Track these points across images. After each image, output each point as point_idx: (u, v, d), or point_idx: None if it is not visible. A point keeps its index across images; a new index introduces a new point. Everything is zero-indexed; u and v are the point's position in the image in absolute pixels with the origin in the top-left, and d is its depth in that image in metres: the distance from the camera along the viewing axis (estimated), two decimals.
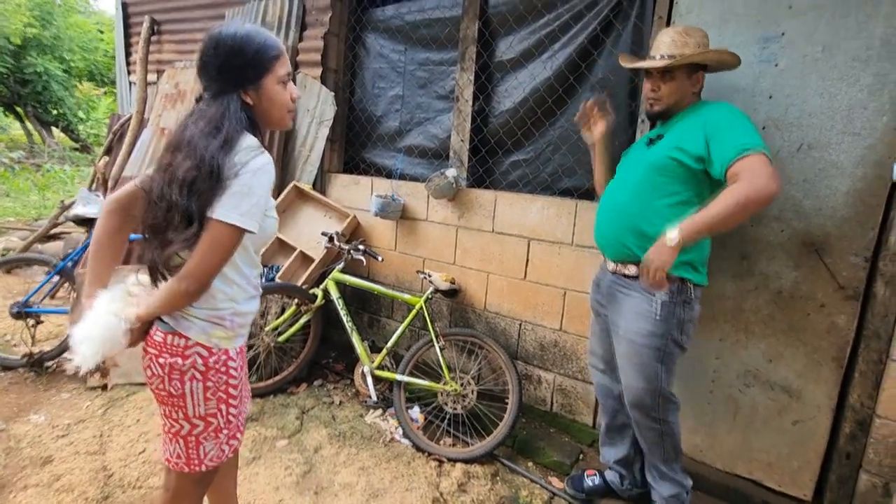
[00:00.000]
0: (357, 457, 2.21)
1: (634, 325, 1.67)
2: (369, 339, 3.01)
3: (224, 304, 1.17)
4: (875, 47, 1.66)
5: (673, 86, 1.63)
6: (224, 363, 1.19)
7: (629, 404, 1.76)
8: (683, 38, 1.60)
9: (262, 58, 1.11)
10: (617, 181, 1.79)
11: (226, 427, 1.24)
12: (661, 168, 1.62)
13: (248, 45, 1.09)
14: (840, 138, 1.74)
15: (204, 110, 1.09)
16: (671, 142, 1.62)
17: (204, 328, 1.15)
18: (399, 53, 2.92)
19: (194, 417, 1.19)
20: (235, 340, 1.22)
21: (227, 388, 1.21)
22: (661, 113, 1.69)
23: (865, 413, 1.79)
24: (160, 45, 3.99)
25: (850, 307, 1.79)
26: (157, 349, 1.15)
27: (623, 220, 1.68)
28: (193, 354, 1.14)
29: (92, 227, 2.74)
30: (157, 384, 1.17)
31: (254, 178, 1.06)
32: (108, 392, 2.57)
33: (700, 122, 1.58)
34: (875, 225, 1.73)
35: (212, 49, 1.09)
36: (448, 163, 2.74)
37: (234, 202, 1.04)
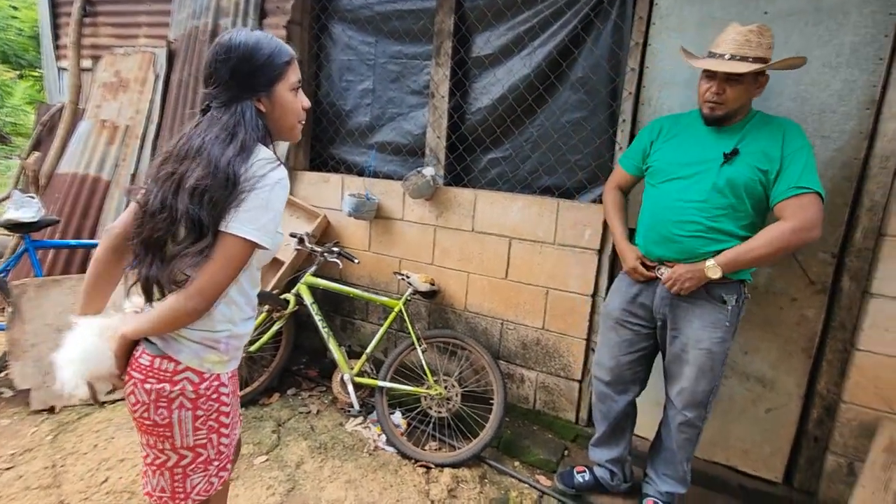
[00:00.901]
0: (342, 469, 2.13)
1: (708, 335, 1.64)
2: (346, 344, 2.91)
3: (221, 326, 1.08)
4: (845, 54, 1.74)
5: (740, 90, 1.51)
6: (216, 389, 1.10)
7: (684, 406, 1.72)
8: (758, 39, 1.47)
9: (274, 62, 1.05)
10: (683, 192, 1.63)
11: (216, 458, 1.16)
12: (747, 188, 1.54)
13: (260, 50, 1.03)
14: (812, 141, 1.81)
15: (216, 118, 1.02)
16: (753, 160, 1.54)
17: (197, 352, 1.06)
18: (369, 45, 2.79)
19: (182, 448, 1.10)
20: (229, 364, 1.14)
21: (219, 417, 1.13)
22: (722, 118, 1.58)
23: (832, 399, 1.92)
24: (95, 28, 3.62)
25: (819, 300, 1.90)
26: (142, 373, 1.05)
27: (701, 240, 1.59)
28: (183, 380, 1.05)
29: (26, 233, 2.48)
30: (140, 412, 1.06)
31: (272, 193, 1.00)
32: (57, 415, 2.33)
33: (777, 143, 1.52)
34: (842, 223, 1.83)
35: (223, 54, 1.02)
36: (423, 160, 2.66)
37: (250, 216, 0.98)
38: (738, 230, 1.58)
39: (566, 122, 2.33)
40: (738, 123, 1.60)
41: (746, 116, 1.61)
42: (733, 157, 1.56)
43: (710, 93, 1.56)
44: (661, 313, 1.74)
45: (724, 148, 1.58)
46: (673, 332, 1.73)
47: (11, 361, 2.34)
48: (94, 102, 3.42)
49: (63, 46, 3.74)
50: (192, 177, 0.96)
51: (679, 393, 1.73)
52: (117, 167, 3.24)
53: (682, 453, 1.80)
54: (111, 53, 3.49)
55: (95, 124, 3.31)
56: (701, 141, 1.64)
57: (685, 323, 1.68)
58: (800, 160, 1.49)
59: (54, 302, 2.41)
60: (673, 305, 1.70)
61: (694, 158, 1.63)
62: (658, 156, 1.74)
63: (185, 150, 1.00)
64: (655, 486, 1.88)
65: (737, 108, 1.56)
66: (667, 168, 1.69)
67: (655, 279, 1.74)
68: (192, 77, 3.01)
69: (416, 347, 2.37)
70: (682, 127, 1.72)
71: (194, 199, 0.95)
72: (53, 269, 3.01)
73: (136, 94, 3.31)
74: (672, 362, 1.76)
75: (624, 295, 1.83)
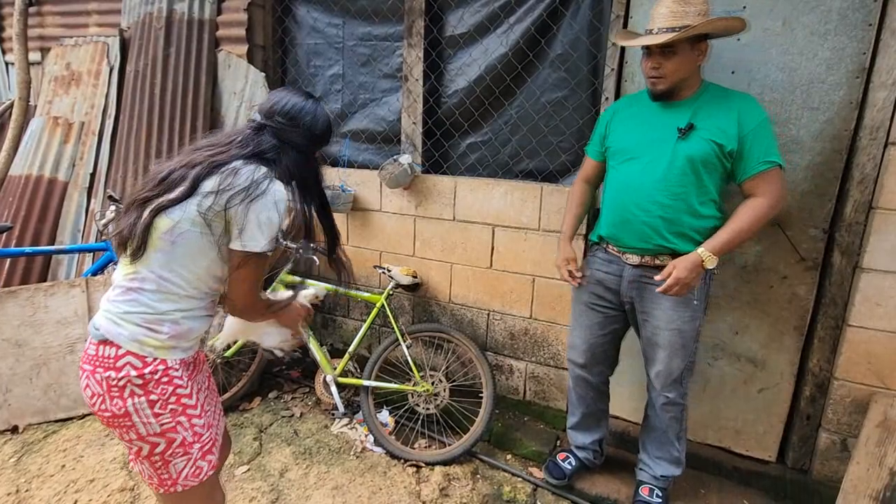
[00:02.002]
0: (328, 475, 2.04)
1: (678, 315, 1.64)
2: (327, 343, 2.81)
3: (163, 307, 1.07)
4: (833, 21, 1.67)
5: (677, 61, 1.49)
6: (164, 373, 1.07)
7: (663, 386, 1.73)
8: (683, 8, 1.46)
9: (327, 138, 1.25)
10: (642, 171, 1.61)
11: (196, 440, 1.11)
12: (705, 163, 1.53)
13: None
14: (800, 113, 1.77)
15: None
16: (709, 134, 1.52)
17: (134, 334, 1.05)
18: (336, 28, 2.64)
19: (150, 436, 1.07)
20: (173, 352, 1.09)
21: (179, 399, 1.09)
22: (667, 91, 1.56)
23: (824, 376, 1.89)
24: (41, 18, 3.37)
25: (810, 277, 1.86)
26: (91, 363, 1.06)
27: (662, 217, 1.58)
28: (126, 366, 1.04)
29: None
30: (98, 404, 1.06)
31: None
32: (21, 435, 2.19)
33: (732, 116, 1.51)
34: (832, 197, 1.78)
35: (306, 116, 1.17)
36: (399, 148, 2.54)
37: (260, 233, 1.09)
38: (697, 207, 1.57)
39: (546, 102, 2.23)
40: (690, 98, 1.58)
41: (698, 90, 1.58)
42: (689, 131, 1.54)
43: (648, 68, 1.55)
44: (628, 297, 1.74)
45: (678, 123, 1.56)
46: (643, 316, 1.73)
47: None
48: (46, 98, 3.20)
49: (7, 39, 3.48)
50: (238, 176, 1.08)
51: (657, 375, 1.74)
52: (74, 167, 3.04)
53: (672, 432, 1.80)
54: (60, 45, 3.25)
55: (48, 122, 3.09)
56: (654, 119, 1.62)
57: (654, 305, 1.67)
58: (764, 136, 1.50)
59: (11, 315, 2.26)
60: (640, 289, 1.70)
61: (648, 137, 1.62)
62: (614, 137, 1.72)
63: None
64: (650, 472, 1.85)
65: (679, 79, 1.53)
66: (623, 148, 1.68)
67: (621, 263, 1.72)
68: (148, 67, 2.81)
69: (400, 343, 2.28)
70: (637, 107, 1.70)
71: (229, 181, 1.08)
72: (11, 279, 2.83)
73: (89, 87, 3.10)
74: (646, 346, 1.76)
75: (590, 279, 1.83)
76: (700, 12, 1.46)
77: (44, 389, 2.29)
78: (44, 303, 2.31)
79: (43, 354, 2.30)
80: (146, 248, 1.05)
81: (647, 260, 1.66)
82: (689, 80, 1.55)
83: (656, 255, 1.64)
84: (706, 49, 1.54)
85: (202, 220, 1.05)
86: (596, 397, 1.95)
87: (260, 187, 1.05)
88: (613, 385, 2.00)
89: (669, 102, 1.60)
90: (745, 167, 1.53)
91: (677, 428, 1.79)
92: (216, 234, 1.07)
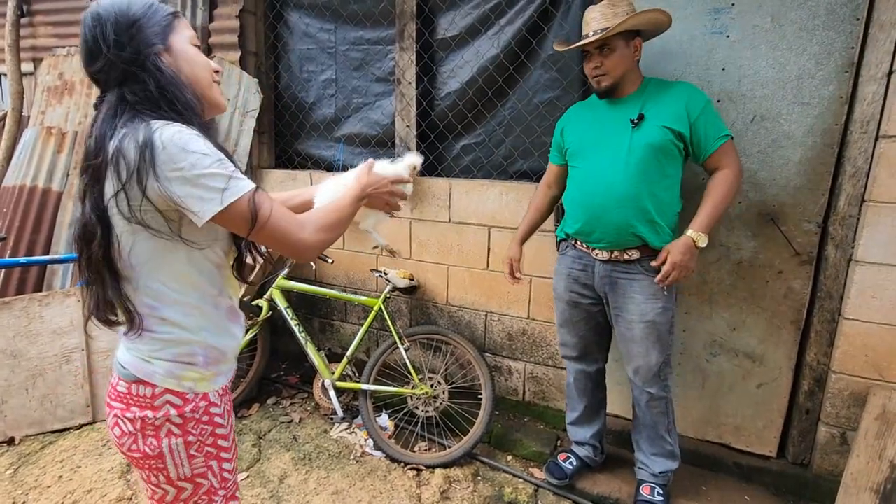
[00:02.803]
0: (328, 480, 2.03)
1: (650, 307, 1.67)
2: (325, 348, 2.80)
3: (184, 335, 0.93)
4: (821, 16, 1.69)
5: (614, 58, 1.60)
6: (205, 411, 0.96)
7: (644, 382, 1.75)
8: (612, 10, 1.58)
9: (158, 12, 0.92)
10: (603, 165, 1.66)
11: (221, 487, 1.03)
12: (663, 149, 1.59)
13: (135, 2, 0.90)
14: (791, 108, 1.78)
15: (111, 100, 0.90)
16: (660, 121, 1.59)
17: (171, 371, 0.92)
18: (328, 32, 2.65)
19: (179, 480, 0.97)
20: (215, 381, 0.99)
21: (216, 441, 0.99)
22: (611, 87, 1.64)
23: (822, 370, 1.89)
24: (33, 29, 3.37)
25: (805, 271, 1.87)
26: (122, 402, 0.93)
27: (630, 207, 1.61)
28: (165, 405, 0.92)
29: None
30: (129, 445, 0.94)
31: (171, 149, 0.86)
32: (17, 447, 2.17)
33: (680, 103, 1.59)
34: (825, 191, 1.79)
35: (95, 20, 0.88)
36: (394, 151, 2.55)
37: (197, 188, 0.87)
38: (659, 193, 1.62)
39: (539, 102, 2.24)
40: (635, 93, 1.66)
41: (641, 85, 1.67)
42: (640, 122, 1.62)
43: (590, 69, 1.66)
44: (602, 292, 1.78)
45: (629, 115, 1.64)
46: (616, 311, 1.76)
47: None
48: (39, 108, 3.19)
49: (0, 50, 3.48)
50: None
51: (636, 371, 1.76)
52: (68, 176, 3.03)
53: (661, 427, 1.81)
54: (53, 55, 3.25)
55: (41, 132, 3.08)
56: (605, 116, 1.71)
57: (626, 299, 1.71)
58: (712, 116, 1.60)
59: (6, 325, 2.24)
60: (612, 283, 1.74)
61: (603, 132, 1.69)
62: (571, 139, 1.79)
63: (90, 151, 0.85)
64: (648, 470, 1.85)
65: (620, 74, 1.62)
66: (581, 148, 1.75)
67: (591, 258, 1.76)
68: None
69: (398, 346, 2.28)
70: (588, 109, 1.79)
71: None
72: (6, 290, 2.81)
73: (83, 96, 3.10)
74: (622, 341, 1.78)
75: (566, 277, 1.86)
76: (627, 11, 1.58)
77: (40, 400, 2.28)
78: (39, 313, 2.30)
79: (39, 365, 2.28)
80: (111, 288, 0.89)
81: (617, 255, 1.70)
82: (629, 75, 1.64)
83: (625, 249, 1.68)
84: (640, 44, 1.65)
85: (141, 222, 0.84)
86: (594, 387, 1.99)
87: (137, 143, 0.79)
88: (612, 383, 2.00)
89: (616, 99, 1.68)
90: (704, 147, 1.61)
91: (665, 422, 1.81)
92: (165, 227, 0.86)
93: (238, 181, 0.84)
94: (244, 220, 0.85)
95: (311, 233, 0.92)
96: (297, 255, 0.93)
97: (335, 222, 0.98)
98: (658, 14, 1.59)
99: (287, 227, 0.89)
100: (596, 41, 1.57)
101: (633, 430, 1.94)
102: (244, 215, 0.85)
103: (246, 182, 0.86)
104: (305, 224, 0.92)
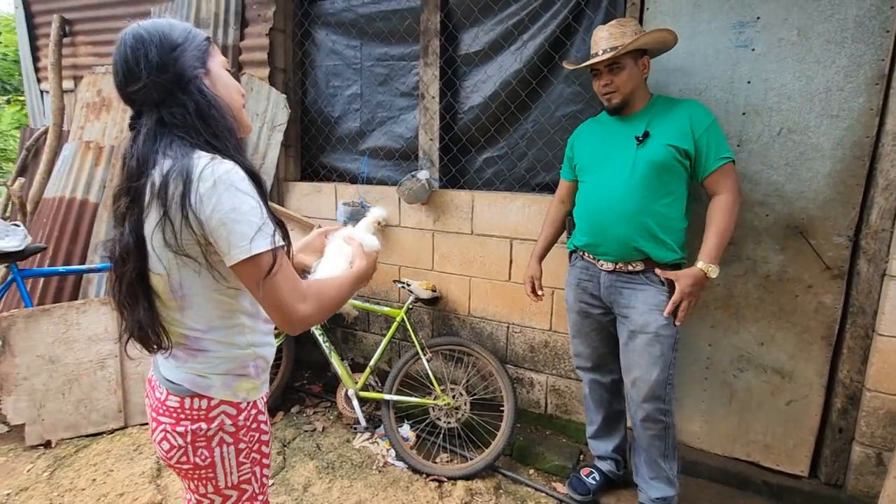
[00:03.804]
0: (351, 489, 2.05)
1: (653, 318, 1.66)
2: (348, 358, 2.83)
3: (235, 352, 0.98)
4: (849, 29, 1.67)
5: (623, 75, 1.64)
6: (254, 418, 1.02)
7: (642, 399, 1.72)
8: (620, 30, 1.63)
9: (197, 38, 0.96)
10: (607, 180, 1.71)
11: (261, 492, 1.07)
12: (665, 166, 1.62)
13: (176, 27, 0.93)
14: (819, 121, 1.76)
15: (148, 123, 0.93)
16: (665, 139, 1.62)
17: (227, 383, 0.96)
18: (354, 49, 2.72)
19: (226, 489, 1.01)
20: (263, 388, 1.05)
21: (261, 447, 1.05)
22: (621, 104, 1.69)
23: (855, 387, 1.84)
24: (74, 48, 3.54)
25: (837, 286, 1.83)
26: (172, 417, 0.95)
27: (632, 222, 1.65)
28: (220, 415, 0.96)
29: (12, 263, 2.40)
30: (178, 457, 0.97)
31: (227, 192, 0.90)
32: (53, 450, 2.25)
33: (684, 120, 1.62)
34: (856, 204, 1.76)
35: (138, 42, 0.90)
36: (417, 164, 2.59)
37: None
38: (662, 209, 1.64)
39: (561, 115, 2.26)
40: (643, 110, 1.70)
41: (649, 103, 1.71)
42: (645, 139, 1.65)
43: (600, 86, 1.70)
44: (608, 301, 1.80)
45: (635, 133, 1.67)
46: (620, 320, 1.78)
47: (3, 396, 2.27)
48: (78, 124, 3.35)
49: (43, 68, 3.67)
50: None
51: (634, 384, 1.74)
52: (104, 189, 3.16)
53: (655, 451, 1.76)
54: (92, 73, 3.41)
55: (80, 146, 3.23)
56: (613, 132, 1.75)
57: (630, 309, 1.72)
58: (716, 135, 1.62)
59: (45, 332, 2.34)
60: (617, 293, 1.75)
61: (609, 149, 1.73)
62: (580, 154, 1.84)
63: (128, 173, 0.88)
64: (646, 494, 1.81)
65: (629, 91, 1.66)
66: (589, 163, 1.80)
67: (597, 269, 1.79)
68: None
69: (420, 357, 2.30)
70: (597, 126, 1.84)
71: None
72: (45, 297, 2.93)
73: (119, 112, 3.23)
74: (623, 352, 1.78)
75: (574, 288, 1.90)
76: (635, 31, 1.63)
77: (75, 405, 2.36)
78: (76, 320, 2.39)
79: (75, 370, 2.37)
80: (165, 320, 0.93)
81: (621, 266, 1.72)
82: (638, 92, 1.69)
83: (629, 261, 1.70)
84: (648, 63, 1.69)
85: (186, 254, 0.85)
86: (611, 398, 1.98)
87: (183, 176, 0.81)
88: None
89: (624, 116, 1.72)
90: (704, 165, 1.63)
91: (661, 447, 1.75)
92: (203, 259, 0.87)
93: (267, 233, 0.85)
94: (261, 272, 0.84)
95: (310, 307, 0.89)
96: (288, 324, 0.88)
97: (334, 302, 0.95)
98: (665, 34, 1.64)
99: (286, 295, 0.85)
100: (606, 60, 1.62)
101: (632, 450, 1.92)
102: (263, 268, 0.84)
103: (274, 237, 0.85)
104: (307, 296, 0.88)
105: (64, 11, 3.49)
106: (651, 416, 1.72)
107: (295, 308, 0.86)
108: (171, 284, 0.89)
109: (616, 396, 1.99)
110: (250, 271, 0.84)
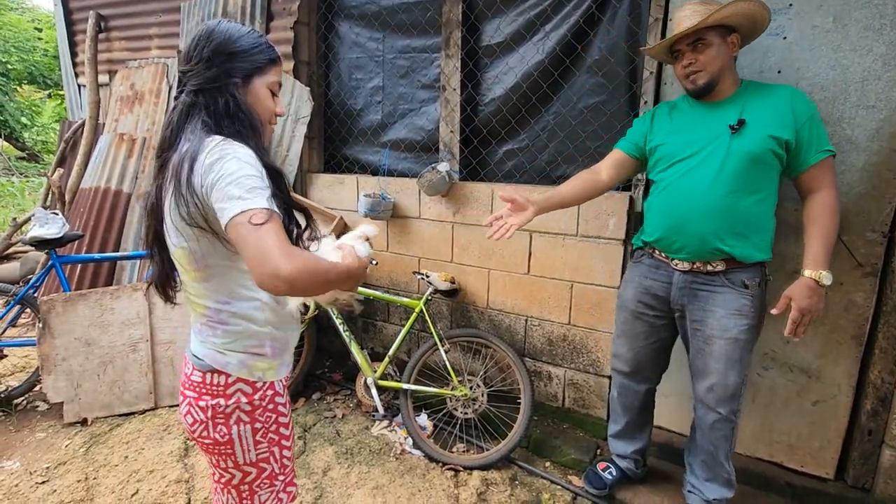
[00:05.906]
0: (369, 475, 2.09)
1: (734, 323, 1.56)
2: (368, 347, 2.88)
3: (254, 328, 1.04)
4: (889, 15, 1.60)
5: (710, 52, 1.49)
6: (271, 399, 1.07)
7: (717, 402, 1.62)
8: (704, 7, 1.48)
9: (257, 55, 1.05)
10: (691, 172, 1.55)
11: (281, 472, 1.13)
12: (761, 159, 1.48)
13: (243, 38, 1.03)
14: (854, 112, 1.69)
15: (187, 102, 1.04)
16: (764, 129, 1.47)
17: (244, 361, 1.03)
18: (376, 41, 2.74)
19: (245, 465, 1.07)
20: (280, 370, 1.10)
21: (279, 429, 1.10)
22: (707, 85, 1.52)
23: (887, 389, 1.78)
24: (109, 44, 3.67)
25: (869, 284, 1.76)
26: (196, 391, 1.03)
27: (719, 220, 1.51)
28: (237, 392, 1.03)
29: (52, 249, 2.52)
30: (199, 431, 1.04)
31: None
32: (89, 427, 2.37)
33: (786, 107, 1.48)
34: (892, 199, 1.69)
35: (206, 34, 1.02)
36: (438, 156, 2.60)
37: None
38: (754, 206, 1.51)
39: (584, 107, 2.23)
40: (734, 95, 1.55)
41: (739, 88, 1.56)
42: (741, 127, 1.50)
43: (684, 67, 1.55)
44: (678, 304, 1.67)
45: (728, 121, 1.52)
46: (694, 325, 1.65)
47: (43, 376, 2.39)
48: (112, 116, 3.47)
49: (81, 63, 3.81)
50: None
51: (710, 389, 1.63)
52: (137, 179, 3.27)
53: (722, 453, 1.69)
54: (125, 67, 3.53)
55: (114, 138, 3.35)
56: (700, 119, 1.59)
57: (707, 313, 1.60)
58: (818, 126, 1.48)
59: (82, 316, 2.45)
60: (692, 295, 1.63)
61: (697, 138, 1.57)
62: (659, 138, 1.66)
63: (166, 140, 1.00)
64: (700, 495, 1.75)
65: (717, 71, 1.51)
66: (670, 152, 1.62)
67: (670, 269, 1.67)
68: None
69: (438, 348, 2.32)
70: (678, 112, 1.67)
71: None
72: (81, 283, 3.07)
73: (151, 105, 3.34)
74: (697, 357, 1.67)
75: (637, 286, 1.77)
76: (719, 8, 1.46)
77: (109, 385, 2.47)
78: (110, 305, 2.50)
79: (109, 353, 2.48)
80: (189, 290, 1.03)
81: (699, 266, 1.59)
82: (727, 74, 1.54)
83: (709, 260, 1.57)
84: (738, 41, 1.53)
85: (198, 225, 0.91)
86: (641, 407, 1.91)
87: (194, 155, 0.90)
88: (659, 395, 1.95)
89: (713, 102, 1.57)
90: (804, 157, 1.49)
91: (727, 447, 1.68)
92: (211, 231, 0.93)
93: (262, 195, 0.85)
94: (249, 226, 0.82)
95: (292, 267, 0.78)
96: (266, 277, 0.79)
97: (318, 279, 0.84)
98: (757, 7, 1.45)
99: (271, 247, 0.79)
100: (691, 31, 1.47)
101: (686, 450, 1.83)
102: (252, 221, 0.82)
103: (269, 202, 0.86)
104: (293, 257, 0.80)
105: (99, 8, 3.61)
106: (725, 419, 1.64)
107: (276, 262, 0.78)
108: (194, 255, 0.96)
109: (646, 407, 1.92)
110: (240, 231, 0.81)
